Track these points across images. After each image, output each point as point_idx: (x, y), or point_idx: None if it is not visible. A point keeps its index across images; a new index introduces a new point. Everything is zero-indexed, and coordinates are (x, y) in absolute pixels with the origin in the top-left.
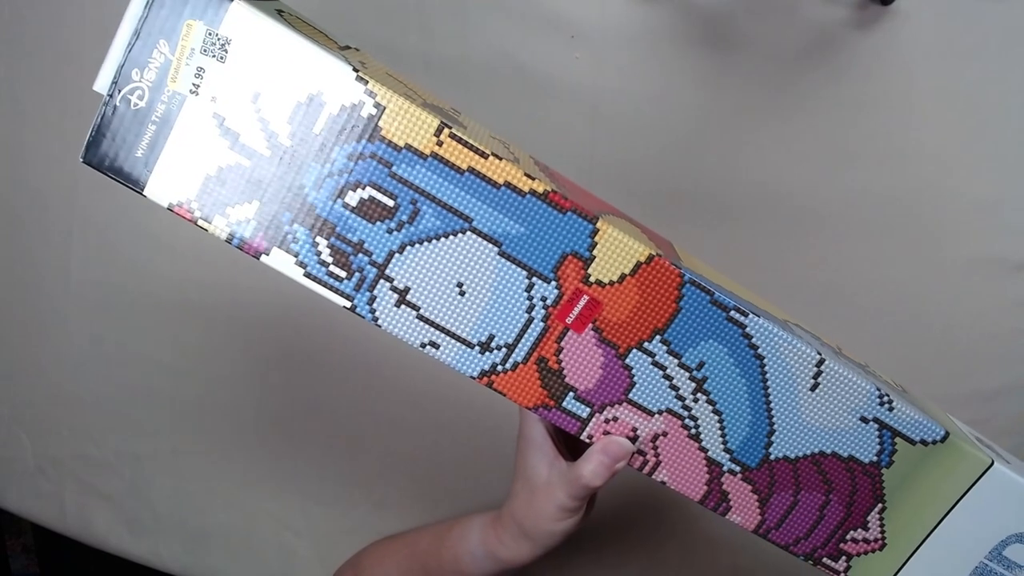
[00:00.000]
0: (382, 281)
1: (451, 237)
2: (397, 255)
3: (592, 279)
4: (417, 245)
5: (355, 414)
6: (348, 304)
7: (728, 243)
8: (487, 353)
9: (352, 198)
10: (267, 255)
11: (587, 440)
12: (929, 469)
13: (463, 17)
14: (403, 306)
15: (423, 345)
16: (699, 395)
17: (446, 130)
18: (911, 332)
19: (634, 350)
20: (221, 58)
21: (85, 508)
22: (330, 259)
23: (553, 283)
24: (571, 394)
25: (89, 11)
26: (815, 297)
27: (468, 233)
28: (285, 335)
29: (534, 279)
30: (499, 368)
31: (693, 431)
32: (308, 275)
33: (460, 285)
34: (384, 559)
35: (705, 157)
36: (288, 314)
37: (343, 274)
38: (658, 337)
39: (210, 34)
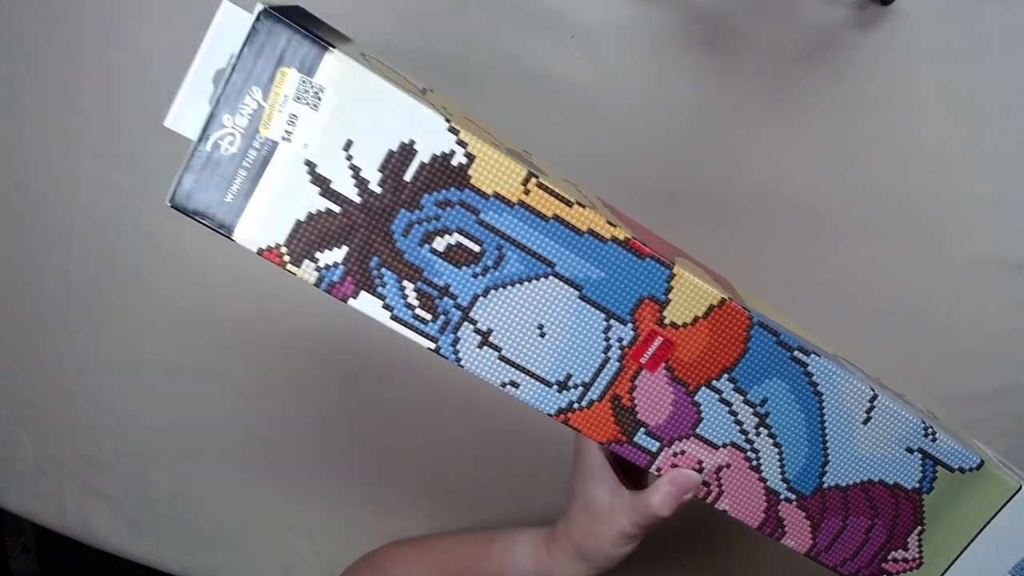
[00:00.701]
0: (466, 323)
1: (534, 281)
2: (481, 298)
3: (667, 321)
4: (501, 289)
5: (355, 414)
6: (432, 346)
7: (728, 243)
8: (564, 392)
9: (439, 243)
10: (354, 299)
11: (655, 473)
12: (964, 493)
13: (463, 17)
14: (486, 347)
15: (503, 384)
16: (761, 429)
17: (533, 179)
18: (911, 332)
19: (703, 388)
20: (314, 106)
21: (85, 508)
22: (416, 302)
23: (629, 325)
24: (642, 430)
25: (89, 11)
26: (815, 297)
27: (550, 278)
28: (284, 335)
29: (611, 321)
30: (575, 406)
31: (754, 463)
32: (395, 318)
33: (541, 327)
34: (407, 563)
35: (705, 157)
36: (287, 313)
37: (428, 317)
38: (726, 375)
39: (304, 82)
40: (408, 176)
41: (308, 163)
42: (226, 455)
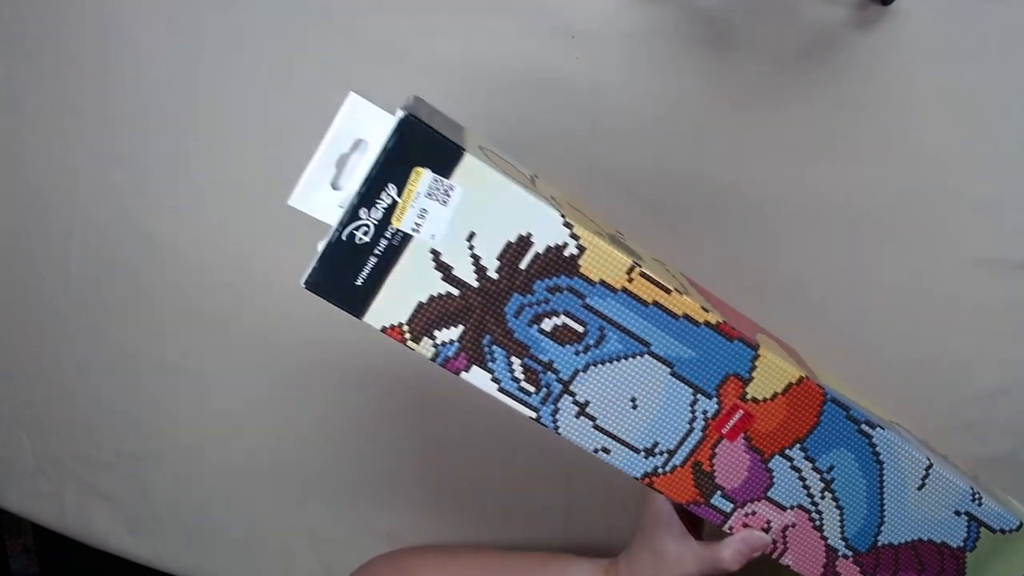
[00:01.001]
0: (566, 396)
1: (630, 359)
2: (581, 373)
3: (748, 396)
4: (599, 365)
5: (355, 414)
6: (534, 415)
7: (728, 243)
8: (651, 458)
9: (547, 324)
10: (466, 372)
11: (727, 531)
12: (1003, 550)
13: (463, 17)
14: (582, 417)
15: (596, 450)
16: (826, 493)
17: (636, 269)
18: (911, 332)
19: (776, 456)
20: (444, 202)
21: (85, 508)
22: (522, 376)
23: (714, 399)
24: (719, 492)
25: (89, 11)
26: (815, 297)
27: (646, 356)
28: (284, 335)
29: (698, 395)
30: (659, 471)
31: (817, 523)
32: (502, 390)
33: (633, 400)
34: (441, 572)
35: (705, 157)
36: (286, 314)
37: (532, 389)
38: (798, 445)
39: (436, 181)
40: (523, 264)
41: (433, 252)
42: (226, 455)
